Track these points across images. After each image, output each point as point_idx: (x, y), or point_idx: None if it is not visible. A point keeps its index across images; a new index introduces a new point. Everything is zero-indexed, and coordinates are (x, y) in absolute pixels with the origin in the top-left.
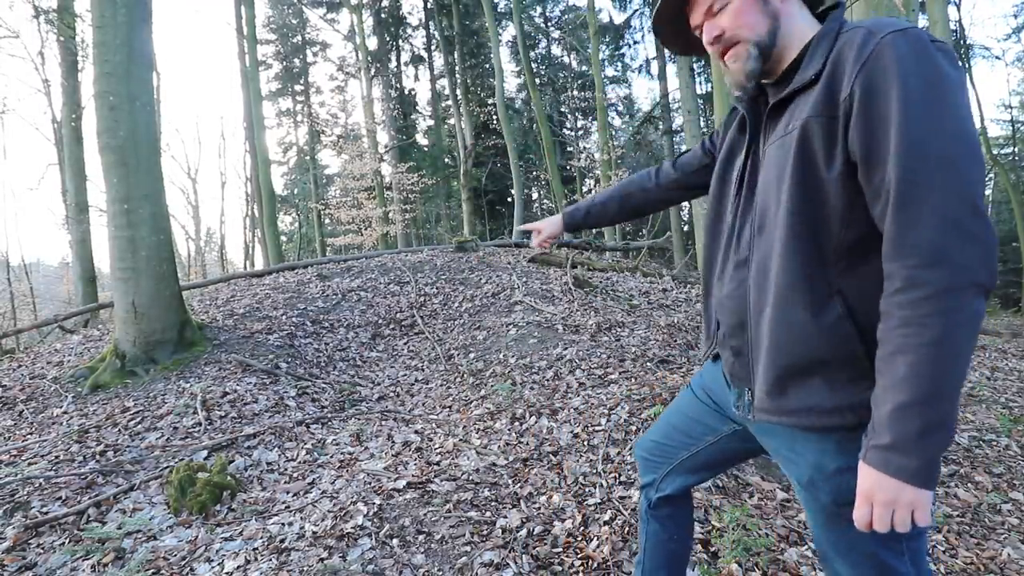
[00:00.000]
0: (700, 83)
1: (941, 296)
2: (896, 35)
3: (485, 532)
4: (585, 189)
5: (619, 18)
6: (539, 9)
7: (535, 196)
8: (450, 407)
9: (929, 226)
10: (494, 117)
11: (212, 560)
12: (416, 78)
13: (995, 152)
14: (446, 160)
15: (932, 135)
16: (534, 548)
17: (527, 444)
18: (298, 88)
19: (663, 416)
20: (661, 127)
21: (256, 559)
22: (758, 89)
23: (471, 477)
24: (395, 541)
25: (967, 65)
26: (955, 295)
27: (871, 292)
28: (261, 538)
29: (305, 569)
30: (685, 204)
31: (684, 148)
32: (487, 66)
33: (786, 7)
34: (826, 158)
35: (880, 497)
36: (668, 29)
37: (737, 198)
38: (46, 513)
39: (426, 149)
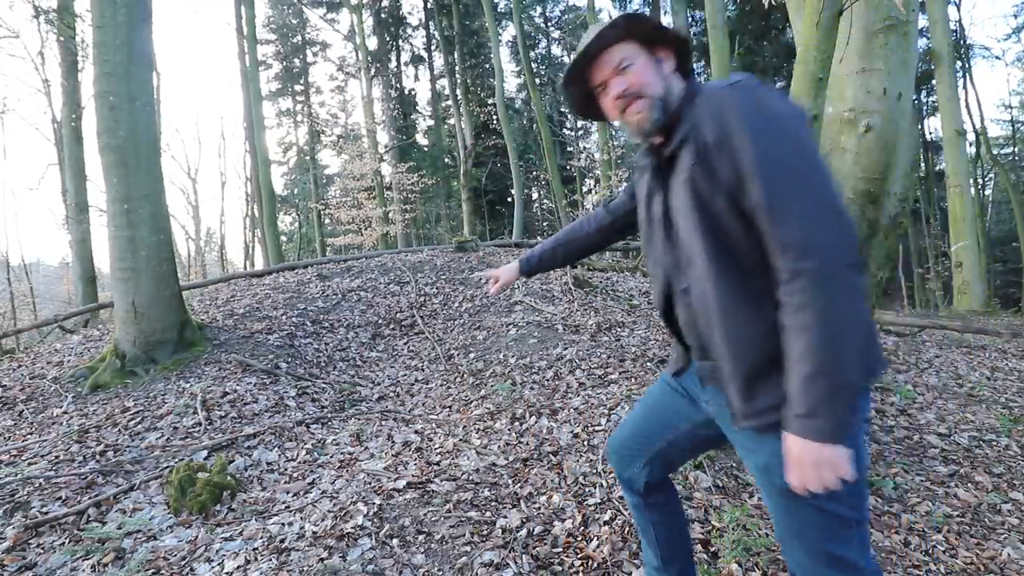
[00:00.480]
0: None
1: (817, 279)
2: (730, 89)
3: (485, 532)
4: (585, 189)
5: None
6: (539, 9)
7: (535, 196)
8: (450, 407)
9: (794, 226)
10: (494, 117)
11: (212, 560)
12: (416, 78)
13: (995, 152)
14: (446, 160)
15: (777, 156)
16: (534, 548)
17: (527, 444)
18: (298, 88)
19: (634, 412)
20: None
21: (256, 559)
22: (650, 146)
23: (471, 477)
24: (395, 541)
25: (967, 65)
26: (829, 277)
27: None
28: (261, 538)
29: (305, 569)
30: None
31: None
32: (487, 66)
33: (670, 73)
34: (711, 193)
35: (806, 459)
36: (572, 88)
37: (666, 236)
38: (46, 513)
39: (426, 149)
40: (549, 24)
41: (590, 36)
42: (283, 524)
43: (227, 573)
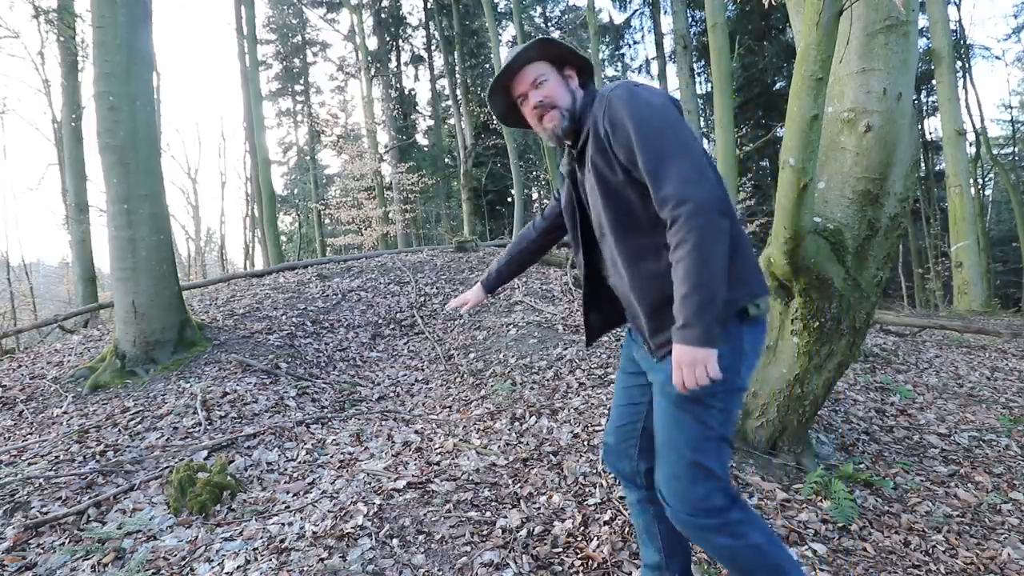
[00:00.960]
0: (700, 83)
1: (689, 221)
2: (614, 89)
3: (485, 532)
4: None
5: (619, 18)
6: (539, 9)
7: (535, 196)
8: (450, 407)
9: (670, 183)
10: (494, 117)
11: (212, 560)
12: (416, 78)
13: (995, 152)
14: (446, 160)
15: (652, 133)
16: (534, 548)
17: (527, 444)
18: (298, 88)
19: (612, 406)
20: None
21: (256, 559)
22: (567, 148)
23: (471, 477)
24: (395, 541)
25: (967, 65)
26: (698, 219)
27: None
28: (261, 538)
29: (305, 569)
30: None
31: None
32: (487, 66)
33: (576, 88)
34: (610, 171)
35: (685, 360)
36: (497, 98)
37: (582, 221)
38: (46, 513)
39: (426, 149)
40: (549, 24)
41: (511, 55)
42: (283, 524)
43: (227, 573)
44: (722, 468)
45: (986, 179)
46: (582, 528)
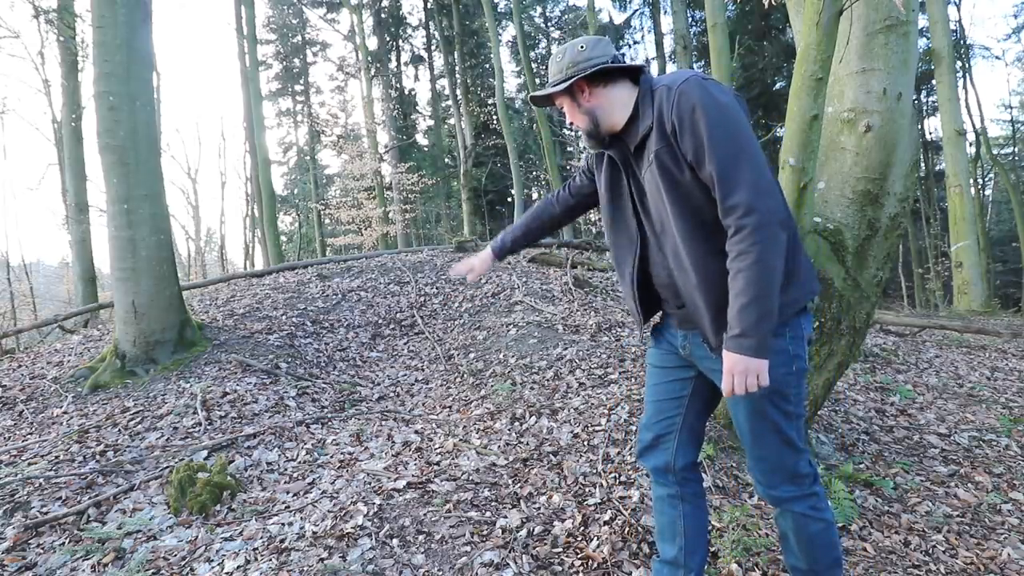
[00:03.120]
0: None
1: (755, 232)
2: (685, 83)
3: (485, 532)
4: None
5: (619, 18)
6: (539, 9)
7: (535, 196)
8: (450, 407)
9: (741, 191)
10: (494, 117)
11: (212, 560)
12: (416, 78)
13: (995, 152)
14: (446, 160)
15: (726, 137)
16: (534, 548)
17: (527, 444)
18: (298, 88)
19: (647, 403)
20: None
21: (256, 559)
22: (611, 139)
23: (471, 477)
24: (395, 541)
25: (967, 65)
26: (763, 230)
27: None
28: (261, 538)
29: (305, 569)
30: None
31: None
32: (487, 66)
33: (597, 100)
34: (678, 169)
35: (739, 368)
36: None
37: (636, 214)
38: (46, 513)
39: (426, 149)
40: (549, 24)
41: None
42: (283, 524)
43: (227, 573)
44: (802, 441)
45: (986, 179)
46: (582, 528)
